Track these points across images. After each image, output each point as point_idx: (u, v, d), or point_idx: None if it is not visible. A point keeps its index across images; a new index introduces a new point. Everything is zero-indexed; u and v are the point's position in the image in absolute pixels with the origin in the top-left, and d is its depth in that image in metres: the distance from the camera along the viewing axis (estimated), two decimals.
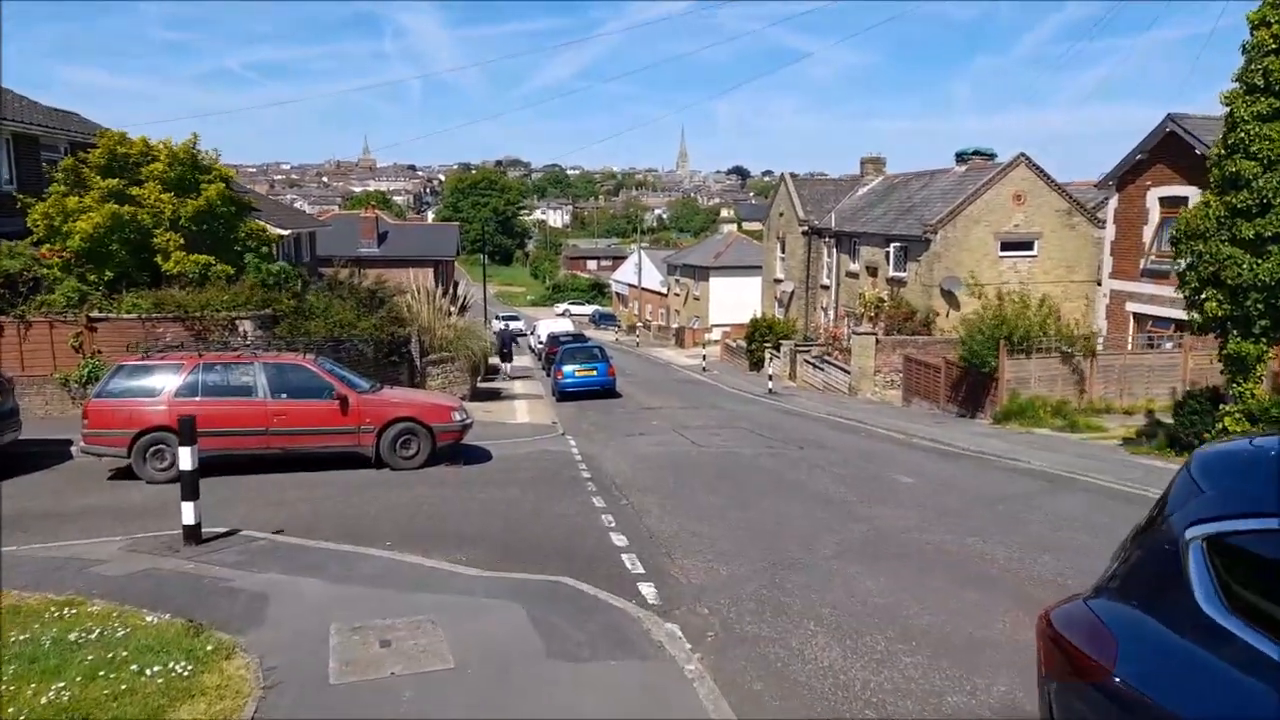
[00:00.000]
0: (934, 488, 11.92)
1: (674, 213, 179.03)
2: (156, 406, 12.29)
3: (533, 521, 9.75)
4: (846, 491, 11.55)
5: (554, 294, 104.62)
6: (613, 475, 12.87)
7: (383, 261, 46.61)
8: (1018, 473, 13.55)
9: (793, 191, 40.87)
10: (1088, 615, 2.64)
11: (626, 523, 9.68)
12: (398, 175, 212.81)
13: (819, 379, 31.40)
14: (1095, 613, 2.62)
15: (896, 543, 8.79)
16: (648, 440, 17.07)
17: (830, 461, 14.21)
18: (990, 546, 8.62)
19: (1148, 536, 2.64)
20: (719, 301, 57.82)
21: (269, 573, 7.55)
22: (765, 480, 12.54)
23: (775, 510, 10.38)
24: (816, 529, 9.36)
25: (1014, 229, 30.92)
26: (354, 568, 7.72)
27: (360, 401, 12.91)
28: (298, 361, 13.08)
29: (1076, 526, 9.56)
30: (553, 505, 10.60)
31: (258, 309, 17.18)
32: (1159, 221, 23.58)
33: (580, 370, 26.74)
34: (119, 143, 20.72)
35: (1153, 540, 2.59)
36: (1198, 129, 21.92)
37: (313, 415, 12.71)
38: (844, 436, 18.31)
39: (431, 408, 13.45)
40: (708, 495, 11.34)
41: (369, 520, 9.86)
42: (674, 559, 8.23)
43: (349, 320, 18.38)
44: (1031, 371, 20.85)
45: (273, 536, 8.86)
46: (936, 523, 9.60)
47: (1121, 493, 11.75)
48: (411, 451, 13.05)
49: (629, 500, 11.01)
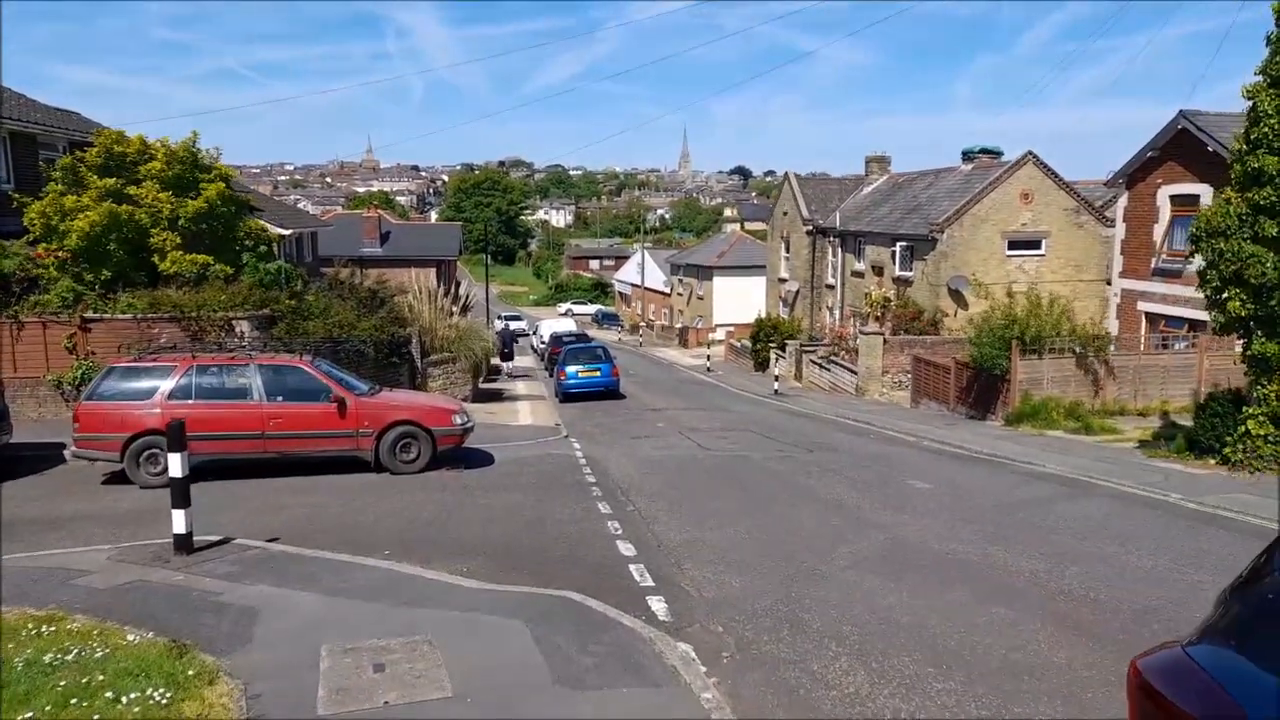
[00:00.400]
0: (949, 493, 11.56)
1: (676, 213, 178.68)
2: (149, 409, 11.96)
3: (536, 529, 9.40)
4: (859, 497, 11.19)
5: (557, 294, 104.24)
6: (618, 480, 12.52)
7: (385, 261, 46.30)
8: (1034, 477, 13.19)
9: (797, 191, 40.51)
10: (1194, 670, 2.29)
11: (633, 530, 9.34)
12: (401, 176, 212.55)
13: (825, 379, 31.04)
14: (1204, 667, 2.27)
15: (915, 553, 8.43)
16: (653, 443, 16.73)
17: (841, 465, 13.86)
18: (1013, 557, 8.26)
19: (1258, 588, 2.29)
20: (723, 301, 57.44)
21: (261, 585, 7.21)
22: (775, 485, 12.19)
23: (787, 517, 10.03)
24: (831, 537, 9.01)
25: (1021, 228, 30.53)
26: (350, 579, 7.38)
27: (358, 404, 12.57)
28: (294, 363, 12.75)
29: (1101, 535, 9.19)
30: (557, 511, 10.25)
31: (255, 309, 16.86)
32: (1170, 220, 23.19)
33: (583, 371, 26.40)
34: (116, 141, 20.41)
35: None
36: (1210, 126, 21.52)
37: (309, 418, 12.38)
38: (854, 439, 17.96)
39: (432, 410, 13.11)
40: (716, 501, 11.00)
41: (367, 527, 9.53)
42: (684, 569, 7.88)
43: (349, 321, 18.05)
44: (1044, 372, 20.47)
45: (267, 545, 8.53)
46: (955, 531, 9.25)
47: (1142, 498, 11.38)
48: (411, 455, 12.72)
49: (635, 506, 10.67)
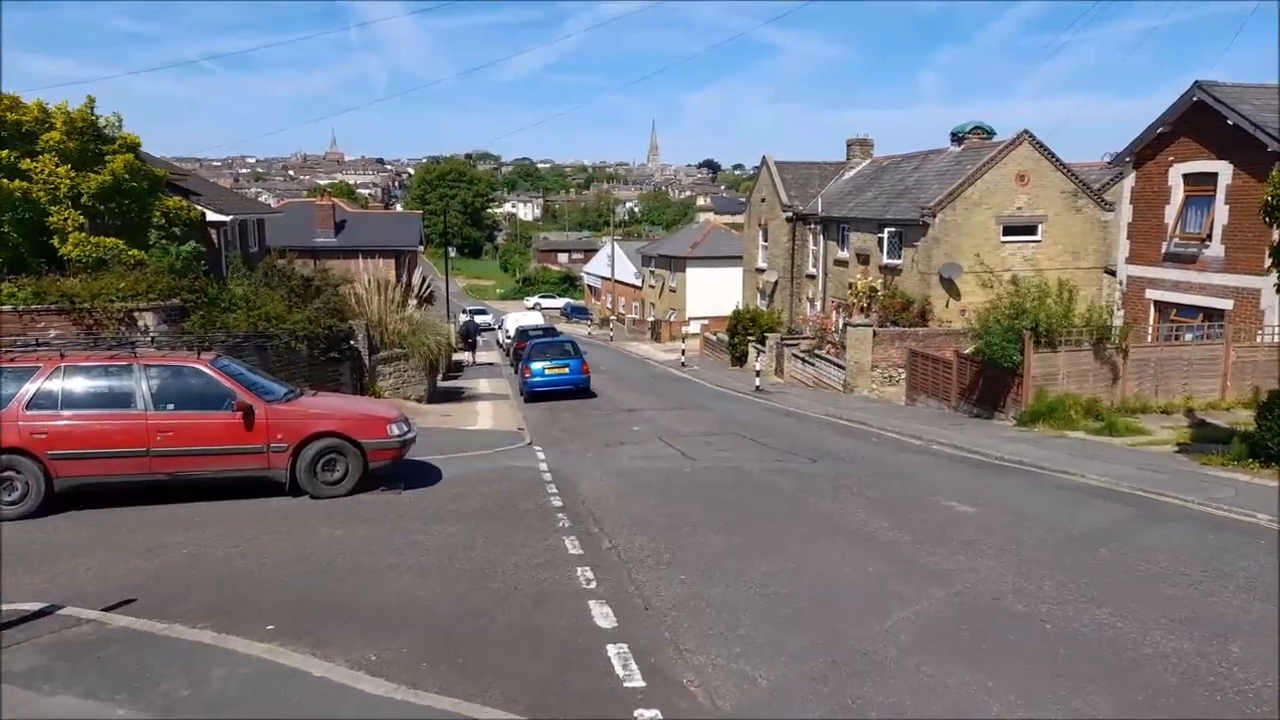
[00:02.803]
0: (1001, 519, 9.42)
1: (645, 206, 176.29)
2: (4, 422, 9.50)
3: (482, 582, 7.11)
4: (892, 526, 9.02)
5: (524, 287, 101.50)
6: (590, 502, 10.27)
7: (341, 252, 43.60)
8: (1084, 492, 11.13)
9: (776, 175, 38.38)
10: None
11: (612, 582, 7.09)
12: (366, 168, 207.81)
13: (809, 375, 28.98)
14: None
15: (1000, 620, 6.19)
16: (631, 451, 14.49)
17: (856, 480, 11.70)
18: (1134, 626, 6.00)
19: None
20: (696, 293, 55.31)
21: (64, 695, 4.87)
22: (782, 508, 9.99)
23: (808, 558, 7.83)
24: (876, 593, 6.81)
25: (1017, 212, 28.67)
26: (202, 681, 5.06)
27: (270, 413, 10.19)
28: (190, 363, 10.33)
29: (1227, 583, 6.95)
30: (512, 552, 7.97)
31: (163, 299, 14.32)
32: (1183, 200, 21.41)
33: (550, 368, 24.09)
34: (10, 109, 17.76)
35: None
36: (1229, 98, 19.71)
37: (208, 431, 9.97)
38: (856, 443, 15.85)
39: (362, 420, 10.74)
40: (714, 533, 8.77)
41: (259, 579, 7.19)
42: (685, 653, 5.62)
43: (277, 313, 15.57)
44: (1060, 367, 18.51)
45: (105, 617, 6.15)
46: (1034, 581, 7.05)
47: (1234, 522, 9.33)
48: (336, 475, 10.38)
49: (613, 543, 8.42)
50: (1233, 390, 18.68)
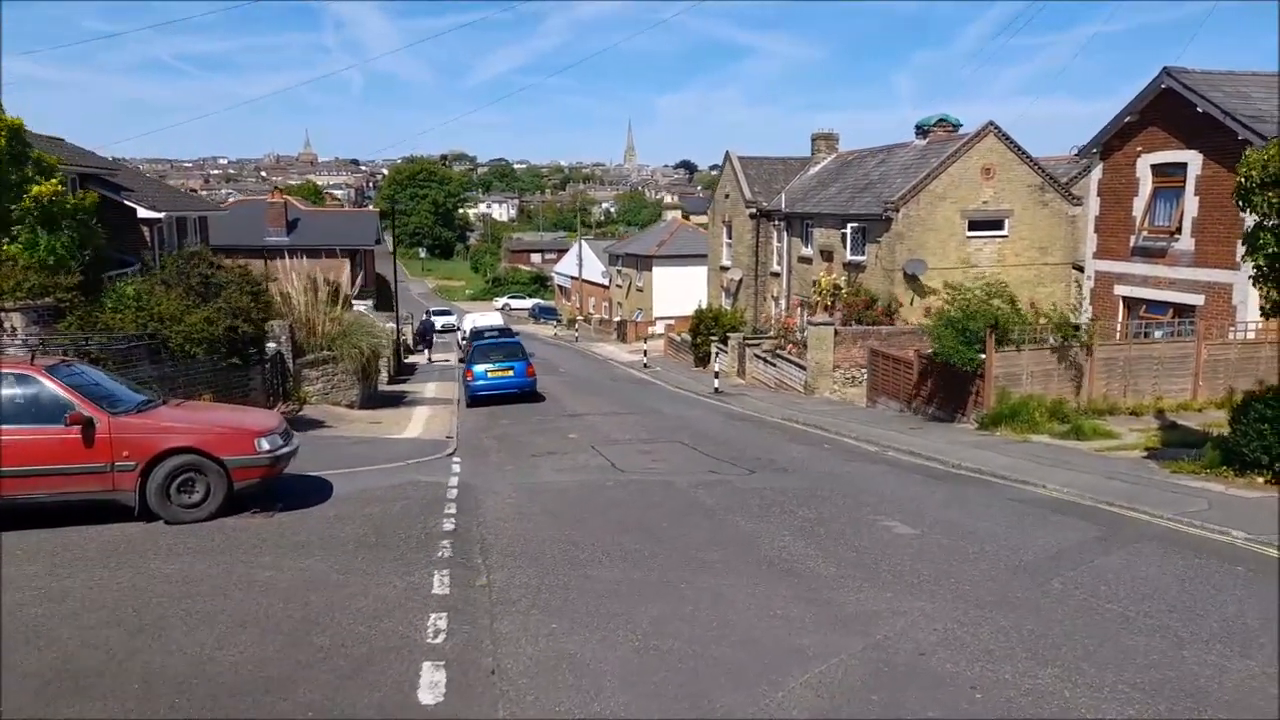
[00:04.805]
0: (943, 543, 8.24)
1: (622, 206, 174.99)
2: None
3: (306, 637, 5.82)
4: (818, 554, 7.81)
5: (494, 288, 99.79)
6: (487, 526, 9.02)
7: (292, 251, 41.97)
8: (1043, 506, 10.01)
9: (739, 171, 37.25)
10: None
11: (465, 635, 5.84)
12: (340, 169, 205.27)
13: (771, 376, 27.86)
14: None
15: (917, 682, 5.00)
16: (556, 463, 13.25)
17: (791, 495, 10.51)
18: (1084, 694, 4.75)
19: None
20: (663, 292, 54.10)
21: None
22: (701, 532, 8.77)
23: (713, 600, 6.60)
24: (780, 648, 5.59)
25: (983, 206, 27.70)
26: None
27: (115, 426, 8.84)
28: (20, 369, 8.96)
29: (1199, 627, 5.78)
30: (362, 594, 6.70)
31: (33, 298, 12.90)
32: (1152, 192, 20.49)
33: (494, 371, 22.79)
34: None
35: None
36: (1200, 85, 18.76)
37: (37, 449, 8.61)
38: (805, 450, 14.69)
39: (226, 434, 9.39)
40: (612, 564, 7.54)
41: (36, 634, 5.87)
42: None
43: (171, 313, 14.18)
44: (1024, 366, 17.46)
45: None
46: (974, 628, 5.85)
47: (1207, 543, 8.22)
48: (195, 497, 9.06)
49: (490, 578, 7.16)
50: (1205, 390, 17.70)
